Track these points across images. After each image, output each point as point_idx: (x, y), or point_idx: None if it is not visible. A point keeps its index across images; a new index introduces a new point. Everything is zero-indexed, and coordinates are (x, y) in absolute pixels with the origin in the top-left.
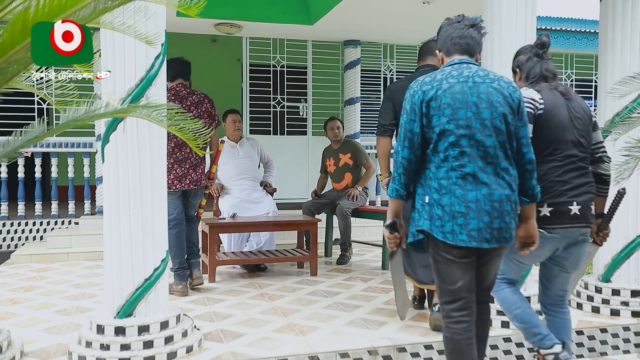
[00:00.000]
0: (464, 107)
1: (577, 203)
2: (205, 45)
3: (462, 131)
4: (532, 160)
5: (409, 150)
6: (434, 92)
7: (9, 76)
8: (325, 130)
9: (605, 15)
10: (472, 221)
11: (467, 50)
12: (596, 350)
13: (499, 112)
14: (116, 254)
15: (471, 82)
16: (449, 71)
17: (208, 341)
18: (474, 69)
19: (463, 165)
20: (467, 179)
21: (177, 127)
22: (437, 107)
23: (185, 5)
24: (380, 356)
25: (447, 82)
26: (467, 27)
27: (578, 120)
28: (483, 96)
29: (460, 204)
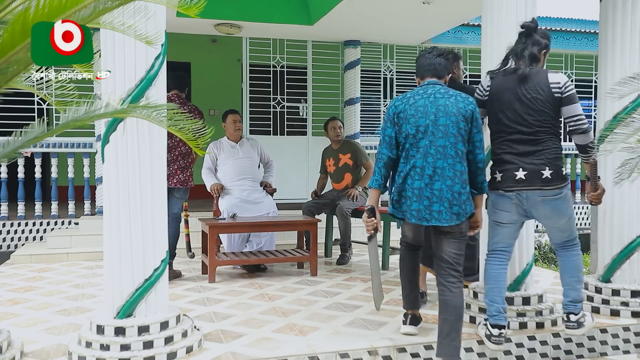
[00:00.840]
0: (424, 117)
1: (522, 169)
2: (205, 45)
3: (420, 134)
4: (483, 160)
5: (387, 149)
6: (402, 106)
7: (9, 76)
8: (326, 130)
9: (605, 15)
10: (414, 204)
11: (435, 74)
12: (596, 351)
13: (452, 120)
14: (116, 255)
15: (432, 98)
16: (417, 90)
17: (208, 341)
18: (437, 88)
19: (416, 160)
20: (416, 171)
21: (177, 128)
22: (404, 117)
23: (185, 6)
24: (380, 356)
25: (414, 99)
26: (435, 57)
27: (527, 100)
28: (441, 107)
29: (408, 189)
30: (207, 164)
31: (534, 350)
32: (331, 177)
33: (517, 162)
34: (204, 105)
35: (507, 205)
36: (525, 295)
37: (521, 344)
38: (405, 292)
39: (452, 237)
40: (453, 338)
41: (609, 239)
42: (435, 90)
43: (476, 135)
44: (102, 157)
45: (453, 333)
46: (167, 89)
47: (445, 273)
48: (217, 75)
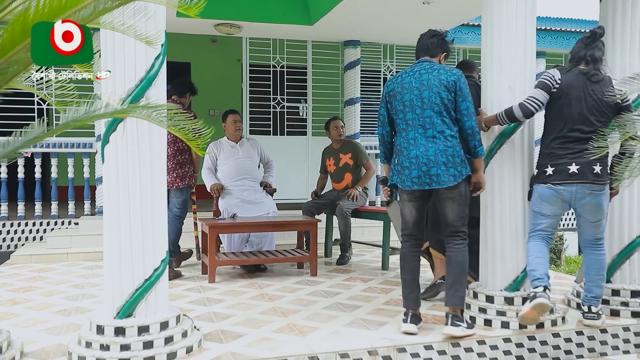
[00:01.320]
0: (409, 92)
1: (575, 164)
2: (205, 45)
3: (407, 109)
4: (471, 127)
5: (381, 127)
6: (392, 85)
7: (9, 76)
8: (327, 130)
9: (605, 16)
10: (413, 172)
11: (427, 53)
12: (596, 351)
13: (434, 92)
14: (116, 255)
15: (417, 74)
16: (406, 69)
17: (208, 341)
18: (423, 65)
19: (408, 132)
20: (410, 142)
21: (177, 128)
22: (394, 95)
23: (185, 6)
24: (380, 356)
25: (402, 77)
26: (429, 37)
27: (592, 101)
28: (424, 82)
29: (405, 160)
30: (207, 164)
31: (533, 350)
32: (331, 176)
33: (571, 156)
34: (204, 105)
35: (553, 199)
36: (525, 296)
37: (521, 344)
38: (406, 291)
39: (453, 201)
40: (457, 289)
41: (609, 239)
42: (421, 67)
43: (461, 104)
44: (102, 157)
45: (456, 284)
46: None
47: (450, 235)
48: (217, 75)
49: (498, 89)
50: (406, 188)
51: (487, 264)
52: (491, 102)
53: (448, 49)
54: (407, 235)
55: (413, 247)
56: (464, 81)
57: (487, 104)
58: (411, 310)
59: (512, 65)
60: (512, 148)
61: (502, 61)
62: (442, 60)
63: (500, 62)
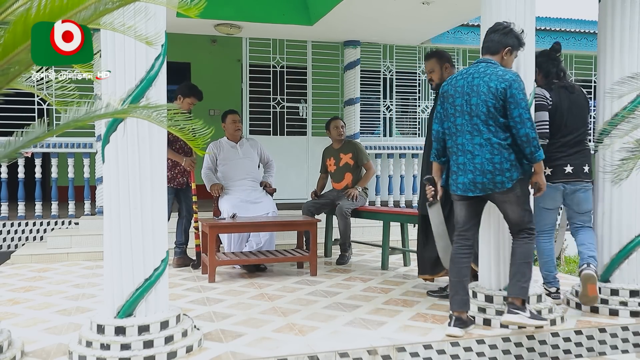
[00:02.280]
0: (460, 97)
1: (570, 165)
2: (205, 45)
3: (458, 113)
4: (525, 134)
5: (437, 124)
6: (447, 86)
7: (10, 77)
8: (328, 129)
9: (604, 16)
10: (460, 177)
11: (488, 51)
12: (595, 350)
13: (481, 99)
14: (116, 254)
15: (470, 78)
16: (464, 70)
17: (208, 341)
18: (479, 67)
19: (457, 137)
20: (458, 147)
21: (177, 128)
22: (446, 97)
23: (185, 6)
24: (379, 356)
25: (456, 79)
26: (489, 33)
27: (577, 110)
28: (474, 88)
29: (454, 164)
30: (206, 164)
31: (532, 350)
32: (332, 176)
33: (566, 159)
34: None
35: (554, 194)
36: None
37: (520, 343)
38: (452, 293)
39: (510, 203)
40: (518, 279)
41: (608, 238)
42: (475, 70)
43: (513, 112)
44: (103, 157)
45: (518, 275)
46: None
47: (514, 231)
48: (217, 75)
49: None
50: (452, 192)
51: (486, 264)
52: None
53: (513, 43)
54: (457, 235)
55: (462, 248)
56: (516, 86)
57: None
58: (456, 313)
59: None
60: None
61: None
62: (505, 57)
63: None
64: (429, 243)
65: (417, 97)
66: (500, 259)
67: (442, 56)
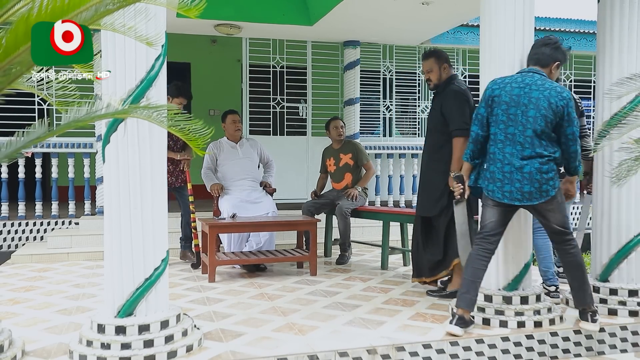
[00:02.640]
0: (516, 106)
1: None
2: (205, 46)
3: (510, 122)
4: (575, 151)
5: (478, 127)
6: (499, 91)
7: (12, 78)
8: (327, 130)
9: (603, 16)
10: (505, 185)
11: (538, 63)
12: (594, 350)
13: (541, 114)
14: (116, 254)
15: (527, 89)
16: (515, 77)
17: (208, 340)
18: (535, 78)
19: (505, 145)
20: (505, 156)
21: (177, 128)
22: (498, 102)
23: (185, 7)
24: (379, 355)
25: (510, 86)
26: (540, 46)
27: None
28: (533, 100)
29: (498, 172)
30: (206, 164)
31: (531, 349)
32: (331, 176)
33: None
34: (203, 105)
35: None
36: (524, 295)
37: (519, 342)
38: (462, 290)
39: (553, 211)
40: (585, 289)
41: (607, 238)
42: (533, 81)
43: (567, 129)
44: (103, 157)
45: (584, 285)
46: None
47: (559, 240)
48: (217, 75)
49: None
50: (495, 199)
51: None
52: None
53: (561, 57)
54: (482, 239)
55: (483, 252)
56: (572, 105)
57: None
58: (460, 311)
59: (510, 66)
60: None
61: (501, 61)
62: (553, 71)
63: (499, 63)
64: (428, 245)
65: (416, 97)
66: (499, 259)
67: (440, 56)
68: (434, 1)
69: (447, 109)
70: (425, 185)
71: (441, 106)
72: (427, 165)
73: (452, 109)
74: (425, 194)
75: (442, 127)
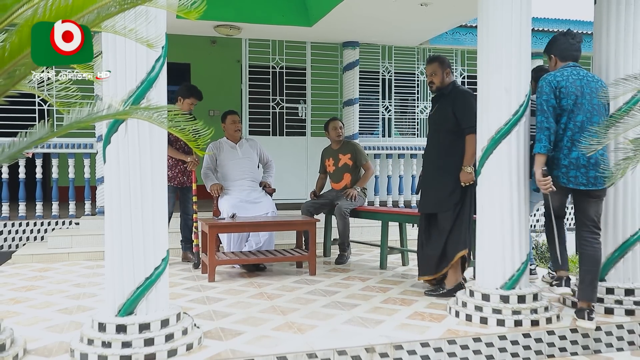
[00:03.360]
0: (582, 96)
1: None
2: (205, 46)
3: (578, 111)
4: None
5: (552, 118)
6: (564, 82)
7: (16, 79)
8: (326, 130)
9: (600, 17)
10: (571, 171)
11: (576, 59)
12: (590, 348)
13: (602, 102)
14: (117, 253)
15: (585, 80)
16: (570, 71)
17: (208, 339)
18: (583, 72)
19: (573, 134)
20: (573, 143)
21: (178, 128)
22: (566, 93)
23: (186, 10)
24: (377, 353)
25: (572, 78)
26: (577, 42)
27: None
28: (593, 90)
29: (565, 159)
30: (206, 164)
31: (528, 348)
32: (330, 177)
33: None
34: (203, 106)
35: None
36: (521, 294)
37: (516, 341)
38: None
39: (599, 199)
40: (594, 285)
41: (604, 238)
42: (584, 74)
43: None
44: (104, 157)
45: (595, 281)
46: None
47: (588, 230)
48: (216, 76)
49: (494, 91)
50: (560, 183)
51: (483, 262)
52: (487, 104)
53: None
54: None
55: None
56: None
57: (482, 105)
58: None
59: (507, 67)
60: (509, 148)
61: (499, 61)
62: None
63: (497, 63)
64: (431, 241)
65: (415, 97)
66: (498, 258)
67: (443, 62)
68: (432, 2)
69: (459, 108)
70: (435, 182)
71: (453, 106)
72: (435, 163)
73: (464, 108)
74: (434, 191)
75: (453, 126)
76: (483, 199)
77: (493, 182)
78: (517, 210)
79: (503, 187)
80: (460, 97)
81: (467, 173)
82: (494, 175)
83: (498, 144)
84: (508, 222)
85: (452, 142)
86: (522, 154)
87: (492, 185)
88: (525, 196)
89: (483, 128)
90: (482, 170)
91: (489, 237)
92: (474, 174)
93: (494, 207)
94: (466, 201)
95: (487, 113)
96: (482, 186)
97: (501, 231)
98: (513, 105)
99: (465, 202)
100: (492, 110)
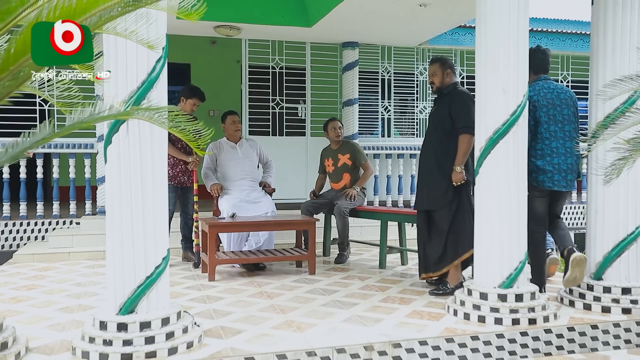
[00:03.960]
0: (553, 107)
1: None
2: (205, 47)
3: (552, 121)
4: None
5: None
6: (536, 97)
7: (20, 81)
8: (326, 130)
9: (597, 18)
10: (555, 175)
11: (547, 72)
12: (587, 347)
13: (571, 111)
14: (118, 252)
15: (556, 92)
16: (541, 85)
17: (208, 337)
18: (553, 84)
19: (551, 142)
20: (553, 150)
21: (178, 129)
22: (538, 106)
23: (186, 12)
24: (375, 351)
25: (543, 92)
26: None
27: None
28: (564, 100)
29: (548, 165)
30: (206, 164)
31: (526, 346)
32: (330, 177)
33: None
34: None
35: None
36: (518, 293)
37: (514, 339)
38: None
39: (569, 197)
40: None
41: (601, 237)
42: (555, 86)
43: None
44: (105, 157)
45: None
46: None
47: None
48: (216, 76)
49: (492, 91)
50: (545, 187)
51: (481, 261)
52: (485, 104)
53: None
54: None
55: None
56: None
57: (480, 105)
58: None
59: (505, 67)
60: (507, 148)
61: (496, 63)
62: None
63: (493, 64)
64: (432, 243)
65: (415, 98)
66: (496, 257)
67: (445, 62)
68: (431, 3)
69: (454, 108)
70: (431, 179)
71: (449, 107)
72: (431, 161)
73: (459, 108)
74: (429, 188)
75: (450, 126)
76: (481, 198)
77: (491, 181)
78: (515, 210)
79: (501, 186)
80: (457, 98)
81: (457, 173)
82: (492, 175)
83: (496, 144)
84: (506, 221)
85: (448, 141)
86: (520, 154)
87: (490, 184)
88: (522, 196)
89: (481, 128)
90: (480, 170)
91: (487, 236)
92: (464, 174)
93: (492, 206)
94: (464, 201)
95: (485, 113)
96: (480, 186)
97: (499, 230)
98: (511, 106)
99: (463, 202)
100: (489, 111)
